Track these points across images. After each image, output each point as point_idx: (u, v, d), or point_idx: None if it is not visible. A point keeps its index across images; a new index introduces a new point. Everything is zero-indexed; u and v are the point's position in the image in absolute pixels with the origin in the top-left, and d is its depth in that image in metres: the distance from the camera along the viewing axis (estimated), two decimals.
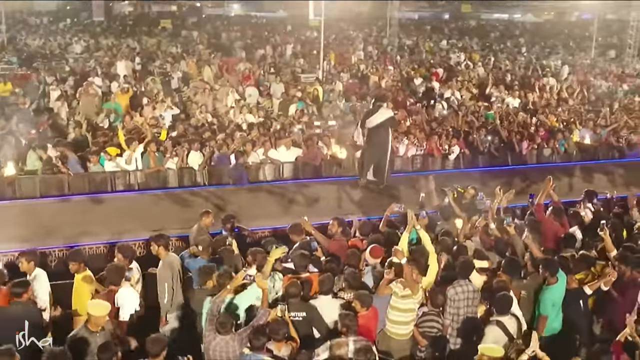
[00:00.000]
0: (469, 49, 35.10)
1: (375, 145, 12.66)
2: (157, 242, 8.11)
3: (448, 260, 8.39)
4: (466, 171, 13.93)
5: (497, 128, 15.23)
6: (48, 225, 10.43)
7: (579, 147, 15.44)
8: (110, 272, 7.53)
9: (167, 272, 7.99)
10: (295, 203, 11.82)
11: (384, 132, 12.60)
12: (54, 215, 10.95)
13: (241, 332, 6.62)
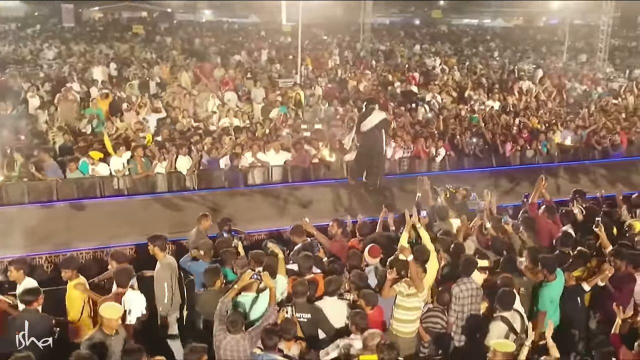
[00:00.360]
0: (442, 53, 35.53)
1: (369, 148, 12.81)
2: (153, 243, 8.11)
3: (446, 259, 8.54)
4: (453, 172, 14.11)
5: (481, 130, 15.46)
6: (37, 231, 10.34)
7: (560, 148, 15.75)
8: (118, 275, 7.51)
9: (165, 272, 8.00)
10: (289, 205, 11.92)
11: (378, 134, 12.74)
12: (43, 221, 10.87)
13: (251, 331, 6.65)
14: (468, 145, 14.93)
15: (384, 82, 23.70)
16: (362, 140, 12.96)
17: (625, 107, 19.31)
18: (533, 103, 18.91)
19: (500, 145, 15.11)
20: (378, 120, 12.72)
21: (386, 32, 46.90)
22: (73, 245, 9.92)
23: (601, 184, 13.21)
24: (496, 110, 18.22)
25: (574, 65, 31.19)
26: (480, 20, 58.32)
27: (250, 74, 23.69)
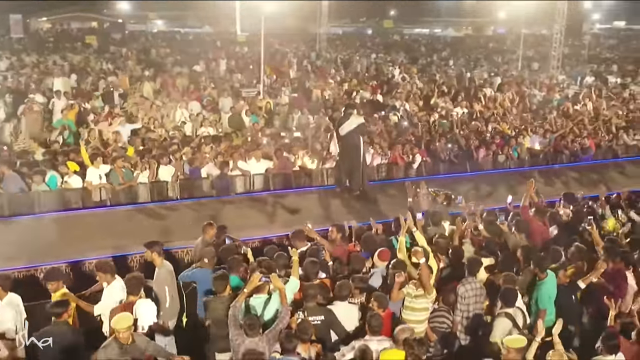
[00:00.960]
0: (399, 62, 36.17)
1: (349, 152, 13.06)
2: (151, 249, 8.14)
3: (444, 261, 8.81)
4: (436, 177, 14.49)
5: (456, 137, 15.87)
6: (19, 244, 10.22)
7: (530, 153, 16.29)
8: (129, 283, 7.51)
9: (166, 276, 8.09)
10: (278, 213, 12.03)
11: (356, 138, 12.98)
12: (23, 234, 10.73)
13: (267, 333, 6.75)
14: (444, 151, 15.28)
15: (348, 91, 24.02)
16: (342, 145, 13.24)
17: (588, 112, 20.02)
18: (500, 110, 19.43)
19: (474, 151, 15.49)
20: (356, 125, 12.98)
21: (340, 42, 47.47)
22: (60, 258, 9.77)
23: (572, 186, 13.65)
24: (464, 117, 18.66)
25: (527, 73, 32.10)
26: (431, 30, 59.59)
27: (214, 83, 23.69)
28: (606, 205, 10.89)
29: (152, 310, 7.50)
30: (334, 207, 12.43)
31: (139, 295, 7.48)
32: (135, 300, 7.41)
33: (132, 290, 7.47)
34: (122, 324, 6.49)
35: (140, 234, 10.31)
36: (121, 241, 10.31)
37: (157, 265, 8.13)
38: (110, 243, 10.24)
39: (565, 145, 16.45)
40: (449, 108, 19.78)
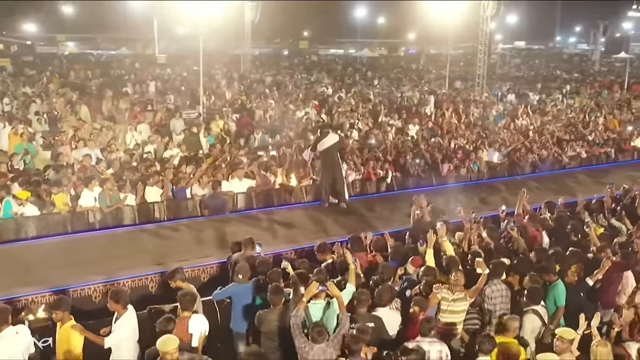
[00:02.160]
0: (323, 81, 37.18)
1: (328, 168, 13.70)
2: (173, 279, 8.39)
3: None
4: (404, 191, 15.26)
5: (422, 152, 16.73)
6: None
7: (488, 166, 17.36)
8: (183, 299, 7.66)
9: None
10: (275, 229, 12.23)
11: (335, 154, 13.68)
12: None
13: (333, 339, 7.10)
14: (413, 166, 16.08)
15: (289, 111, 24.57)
16: (322, 162, 13.90)
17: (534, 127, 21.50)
18: (452, 125, 20.53)
19: (439, 165, 16.38)
20: (333, 142, 13.67)
21: (260, 63, 48.04)
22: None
23: (535, 195, 14.65)
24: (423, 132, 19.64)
25: (451, 90, 33.77)
26: (345, 50, 61.21)
27: (151, 105, 23.69)
28: (585, 211, 11.91)
29: (205, 325, 7.70)
30: (327, 221, 12.78)
31: (192, 311, 7.64)
32: (189, 316, 7.58)
33: (186, 307, 7.62)
34: (168, 347, 6.56)
35: (147, 255, 10.60)
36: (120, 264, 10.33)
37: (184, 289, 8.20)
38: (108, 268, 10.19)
39: (519, 157, 17.62)
40: (398, 126, 20.68)
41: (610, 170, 18.00)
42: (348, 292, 7.94)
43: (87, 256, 10.65)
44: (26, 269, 10.08)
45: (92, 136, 17.05)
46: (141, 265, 10.25)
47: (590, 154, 19.02)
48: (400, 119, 21.70)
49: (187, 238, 11.63)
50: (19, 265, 10.22)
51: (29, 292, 9.14)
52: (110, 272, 9.91)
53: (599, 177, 16.50)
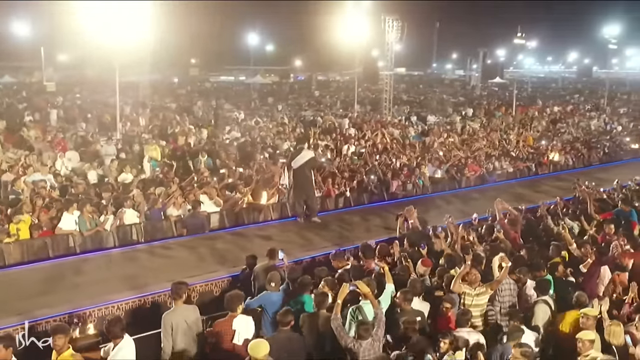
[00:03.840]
0: (224, 107, 37.71)
1: (301, 184, 14.38)
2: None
3: None
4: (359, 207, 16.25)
5: (375, 169, 17.73)
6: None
7: (431, 181, 18.63)
8: (230, 299, 8.08)
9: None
10: (261, 244, 12.33)
11: (308, 171, 14.39)
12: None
13: (377, 332, 7.74)
14: (369, 183, 17.04)
15: (212, 134, 24.95)
16: (295, 178, 14.48)
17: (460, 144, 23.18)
18: (388, 145, 21.74)
19: (390, 181, 17.44)
20: (307, 158, 14.42)
21: (154, 89, 47.60)
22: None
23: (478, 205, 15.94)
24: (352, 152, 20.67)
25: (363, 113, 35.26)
26: (236, 77, 61.85)
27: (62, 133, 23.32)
28: (547, 215, 13.29)
29: (250, 325, 8.09)
30: (310, 235, 13.38)
31: (238, 311, 8.03)
32: (235, 315, 7.98)
33: (232, 307, 8.02)
34: (259, 351, 6.81)
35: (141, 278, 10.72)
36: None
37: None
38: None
39: (456, 172, 19.07)
40: (331, 146, 21.61)
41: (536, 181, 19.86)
42: (389, 290, 8.63)
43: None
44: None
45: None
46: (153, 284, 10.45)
47: (515, 167, 20.82)
48: (332, 140, 22.61)
49: (187, 256, 11.91)
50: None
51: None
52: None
53: (531, 187, 18.20)
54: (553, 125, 30.69)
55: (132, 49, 22.01)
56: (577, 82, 79.94)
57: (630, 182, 16.58)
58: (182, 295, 8.21)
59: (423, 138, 25.04)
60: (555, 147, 23.66)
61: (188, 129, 25.71)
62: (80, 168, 17.99)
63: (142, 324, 8.92)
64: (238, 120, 30.73)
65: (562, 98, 52.68)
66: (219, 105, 39.13)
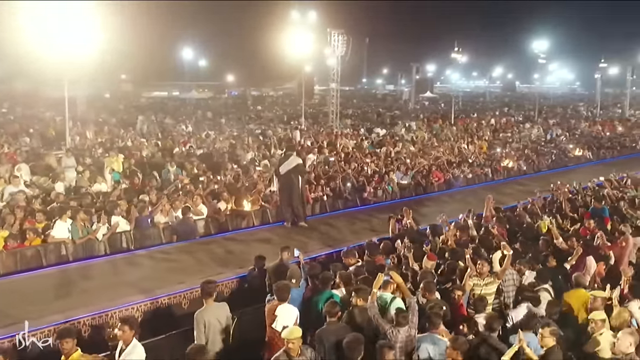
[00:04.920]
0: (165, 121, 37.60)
1: (288, 189, 14.78)
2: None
3: None
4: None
5: (349, 176, 18.26)
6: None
7: (399, 187, 19.29)
8: (280, 288, 8.42)
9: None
10: (258, 248, 12.59)
11: (294, 176, 14.76)
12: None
13: (412, 319, 8.19)
14: (345, 189, 17.57)
15: (167, 148, 24.93)
16: (282, 183, 14.88)
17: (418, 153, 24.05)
18: (351, 153, 22.32)
19: (364, 187, 18.00)
20: (295, 164, 14.83)
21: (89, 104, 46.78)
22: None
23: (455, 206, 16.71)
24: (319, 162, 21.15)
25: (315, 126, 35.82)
26: (169, 92, 61.42)
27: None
28: (525, 213, 14.12)
29: (292, 314, 8.37)
30: (301, 238, 13.69)
31: (285, 301, 8.36)
32: (279, 304, 8.32)
33: (280, 296, 8.37)
34: (293, 335, 7.27)
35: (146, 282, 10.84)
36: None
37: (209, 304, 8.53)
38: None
39: (421, 177, 19.86)
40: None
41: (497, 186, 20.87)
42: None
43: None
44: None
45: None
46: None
47: (474, 173, 21.79)
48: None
49: (188, 260, 12.16)
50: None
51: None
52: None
53: (495, 191, 19.08)
54: (497, 135, 32.08)
55: (64, 63, 21.83)
56: (503, 95, 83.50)
57: (590, 184, 17.70)
58: (213, 293, 8.41)
59: (376, 148, 25.73)
60: (508, 155, 24.85)
61: (140, 142, 25.61)
62: (39, 180, 17.67)
63: (158, 326, 9.24)
64: (186, 133, 30.69)
65: (493, 111, 54.76)
66: (160, 119, 38.90)
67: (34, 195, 15.09)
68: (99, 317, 9.34)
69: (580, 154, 28.37)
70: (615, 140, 33.54)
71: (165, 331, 9.00)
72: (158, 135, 29.93)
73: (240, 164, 20.22)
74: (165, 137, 28.38)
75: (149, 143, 25.88)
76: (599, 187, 17.35)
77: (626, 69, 58.88)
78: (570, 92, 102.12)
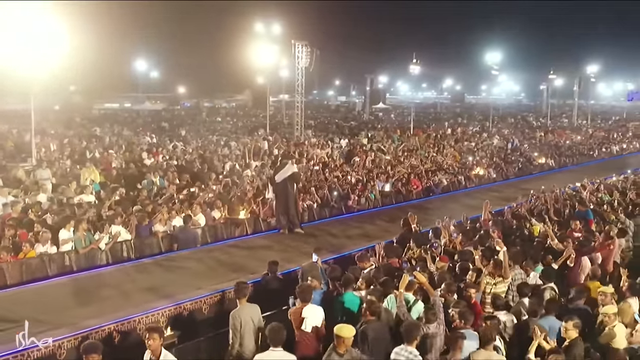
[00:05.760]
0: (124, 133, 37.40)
1: (284, 196, 15.16)
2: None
3: None
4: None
5: (335, 184, 18.69)
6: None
7: (381, 195, 19.83)
8: (303, 291, 8.75)
9: None
10: (263, 254, 13.01)
11: (290, 184, 15.16)
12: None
13: (439, 315, 8.64)
14: (332, 198, 18.03)
15: (133, 160, 24.93)
16: (278, 191, 15.24)
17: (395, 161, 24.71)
18: (329, 163, 22.80)
19: (349, 195, 18.47)
20: (290, 172, 15.24)
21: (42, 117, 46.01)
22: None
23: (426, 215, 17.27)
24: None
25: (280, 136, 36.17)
26: (121, 104, 60.80)
27: None
28: (510, 217, 14.81)
29: (319, 314, 8.69)
30: (300, 245, 14.03)
31: (308, 302, 8.68)
32: (304, 305, 8.62)
33: (303, 297, 8.68)
34: (347, 332, 7.54)
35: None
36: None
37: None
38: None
39: (401, 185, 20.45)
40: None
41: (473, 192, 21.64)
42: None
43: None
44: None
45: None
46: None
47: (449, 181, 22.53)
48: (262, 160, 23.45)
49: (198, 266, 12.41)
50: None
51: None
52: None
53: (472, 197, 19.93)
54: (462, 145, 33.02)
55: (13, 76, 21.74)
56: (453, 107, 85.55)
57: (566, 189, 18.58)
58: (246, 293, 8.70)
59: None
60: (479, 163, 25.74)
61: (108, 153, 25.54)
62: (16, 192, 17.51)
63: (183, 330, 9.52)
64: (151, 144, 30.63)
65: (447, 121, 56.10)
66: (119, 131, 38.63)
67: (27, 205, 14.96)
68: (127, 323, 9.48)
69: (544, 162, 29.59)
70: (575, 149, 35.05)
71: (190, 335, 9.31)
72: (122, 147, 29.80)
73: (220, 174, 20.47)
74: (130, 149, 28.28)
75: (117, 155, 25.80)
76: (575, 192, 18.21)
77: (573, 81, 61.28)
78: (516, 103, 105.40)
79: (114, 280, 11.51)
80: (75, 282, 11.51)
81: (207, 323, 10.21)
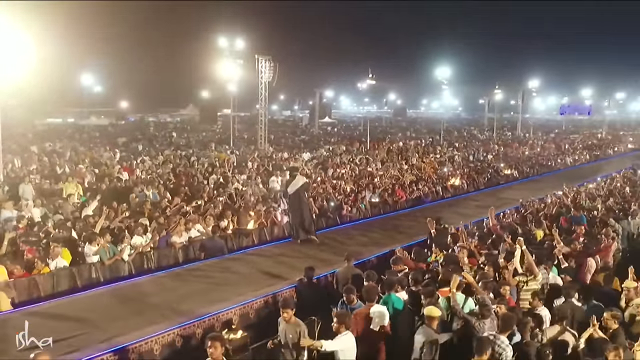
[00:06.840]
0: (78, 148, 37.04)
1: (297, 207, 15.76)
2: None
3: None
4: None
5: (331, 195, 19.28)
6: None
7: (371, 205, 20.53)
8: (369, 290, 9.46)
9: None
10: (285, 262, 13.80)
11: (302, 195, 15.77)
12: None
13: (492, 310, 9.42)
14: (329, 208, 18.64)
15: (107, 174, 24.93)
16: (291, 202, 15.87)
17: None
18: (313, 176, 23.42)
19: (342, 206, 19.12)
20: (301, 184, 15.90)
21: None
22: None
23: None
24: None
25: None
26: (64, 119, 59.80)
27: None
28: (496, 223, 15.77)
29: (385, 313, 9.25)
30: (316, 252, 14.72)
31: (374, 301, 9.34)
32: (372, 304, 9.27)
33: (369, 297, 9.37)
34: (434, 312, 8.64)
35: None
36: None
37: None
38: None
39: (387, 195, 21.23)
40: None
41: (452, 202, 22.67)
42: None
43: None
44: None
45: None
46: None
47: (430, 191, 23.47)
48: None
49: (233, 274, 12.90)
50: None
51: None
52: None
53: (457, 206, 20.90)
54: (427, 157, 34.11)
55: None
56: (397, 121, 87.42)
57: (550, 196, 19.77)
58: (293, 307, 9.02)
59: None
60: (454, 174, 26.83)
61: (79, 169, 25.45)
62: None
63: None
64: (117, 160, 30.51)
65: (395, 135, 57.50)
66: (74, 146, 38.15)
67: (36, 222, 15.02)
68: (188, 328, 9.88)
69: (509, 173, 30.99)
70: (534, 160, 36.75)
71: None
72: (85, 161, 29.55)
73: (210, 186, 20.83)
74: (95, 164, 28.13)
75: (87, 170, 25.69)
76: (559, 199, 19.38)
77: (513, 95, 63.82)
78: (455, 116, 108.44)
79: (156, 289, 11.85)
80: (118, 291, 11.84)
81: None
